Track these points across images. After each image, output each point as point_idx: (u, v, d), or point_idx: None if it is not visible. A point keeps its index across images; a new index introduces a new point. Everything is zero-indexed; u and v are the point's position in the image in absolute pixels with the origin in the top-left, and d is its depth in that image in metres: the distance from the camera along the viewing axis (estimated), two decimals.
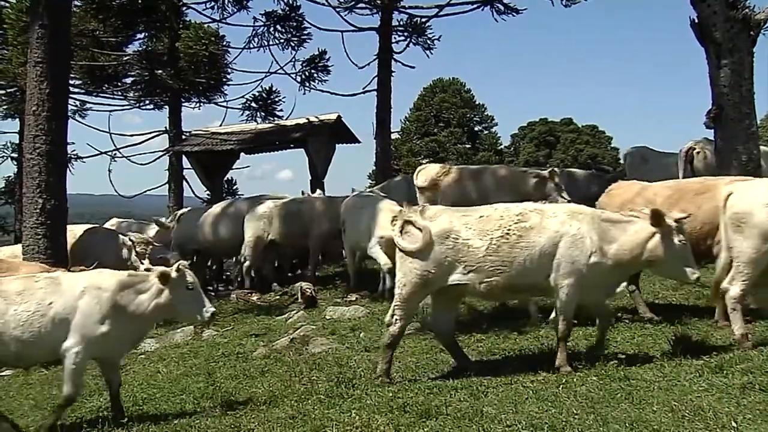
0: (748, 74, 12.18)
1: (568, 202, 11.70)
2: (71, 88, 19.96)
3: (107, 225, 18.48)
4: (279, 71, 23.89)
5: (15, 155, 26.71)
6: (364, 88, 21.77)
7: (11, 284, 7.30)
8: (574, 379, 7.44)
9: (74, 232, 14.47)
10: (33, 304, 7.09)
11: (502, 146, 63.89)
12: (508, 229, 7.58)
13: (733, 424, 5.89)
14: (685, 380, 7.09)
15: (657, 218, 7.55)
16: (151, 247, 14.05)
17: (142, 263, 11.79)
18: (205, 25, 24.15)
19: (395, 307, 7.97)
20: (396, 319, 7.93)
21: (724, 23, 12.04)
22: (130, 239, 14.11)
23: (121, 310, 7.21)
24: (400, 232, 7.89)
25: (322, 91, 23.87)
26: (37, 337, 7.05)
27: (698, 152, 15.17)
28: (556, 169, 14.82)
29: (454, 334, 8.49)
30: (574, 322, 8.07)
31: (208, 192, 25.12)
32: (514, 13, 20.84)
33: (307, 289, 13.09)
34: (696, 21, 12.39)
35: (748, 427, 5.83)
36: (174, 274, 7.34)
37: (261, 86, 24.59)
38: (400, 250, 7.88)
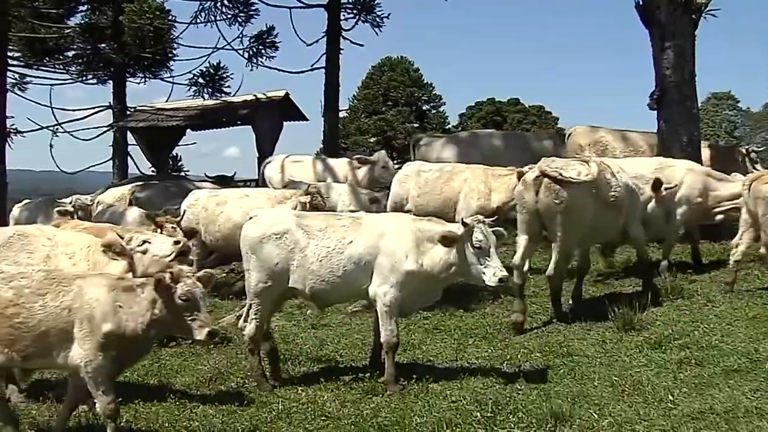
0: (690, 57, 12.44)
1: None
2: (10, 61, 19.37)
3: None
4: (226, 47, 23.41)
5: None
6: (312, 66, 21.47)
7: (314, 220, 7.22)
8: (518, 356, 7.58)
9: None
10: (333, 240, 6.97)
11: (450, 126, 64.04)
12: None
13: (670, 397, 6.10)
14: (626, 356, 7.30)
15: None
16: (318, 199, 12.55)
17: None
18: None
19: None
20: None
21: (667, 6, 12.26)
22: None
23: (420, 256, 6.89)
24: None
25: (270, 67, 23.51)
26: (334, 274, 6.93)
27: None
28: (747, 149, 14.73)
29: None
30: None
31: (152, 168, 24.73)
32: None
33: None
34: (641, 3, 12.60)
35: (683, 400, 6.05)
36: (460, 231, 6.77)
37: (208, 62, 24.07)
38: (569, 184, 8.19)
